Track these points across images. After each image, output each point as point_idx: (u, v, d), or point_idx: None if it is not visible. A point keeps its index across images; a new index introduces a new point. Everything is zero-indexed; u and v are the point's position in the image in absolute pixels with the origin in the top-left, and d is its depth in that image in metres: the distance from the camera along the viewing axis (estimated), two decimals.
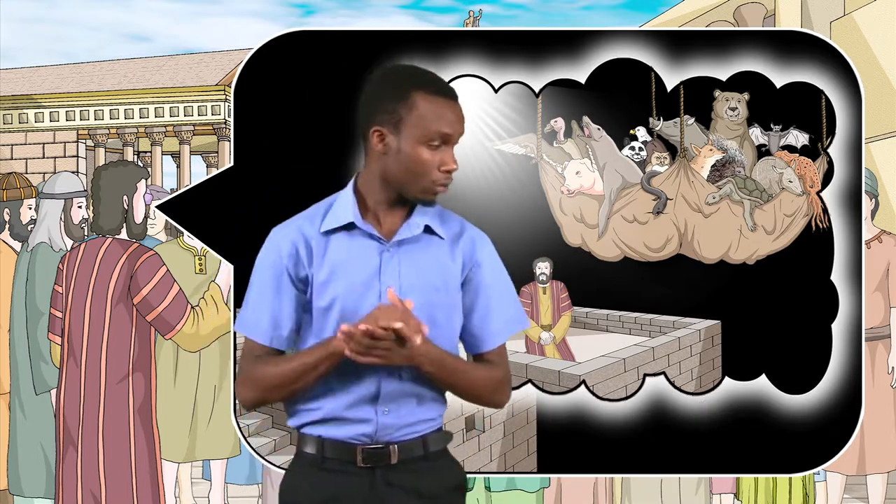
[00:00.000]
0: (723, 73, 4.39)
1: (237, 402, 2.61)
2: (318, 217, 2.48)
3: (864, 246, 4.45)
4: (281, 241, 2.47)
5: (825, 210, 4.42)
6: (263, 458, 4.40)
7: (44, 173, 19.33)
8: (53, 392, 5.08)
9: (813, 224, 4.42)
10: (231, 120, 4.44)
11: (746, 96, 4.41)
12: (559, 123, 4.42)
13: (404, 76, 2.45)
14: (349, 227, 2.45)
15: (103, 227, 4.67)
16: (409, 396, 2.47)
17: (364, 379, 2.43)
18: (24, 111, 21.55)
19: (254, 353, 2.49)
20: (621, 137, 4.44)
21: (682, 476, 5.39)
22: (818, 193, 4.42)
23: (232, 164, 4.39)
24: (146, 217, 4.78)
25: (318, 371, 2.40)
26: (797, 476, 5.45)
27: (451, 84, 4.28)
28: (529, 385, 4.36)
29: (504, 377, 2.57)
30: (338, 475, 2.46)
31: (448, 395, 2.56)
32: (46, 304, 4.98)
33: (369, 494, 2.46)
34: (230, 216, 4.34)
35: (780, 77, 4.39)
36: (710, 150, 4.44)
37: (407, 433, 2.48)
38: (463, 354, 2.58)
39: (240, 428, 4.39)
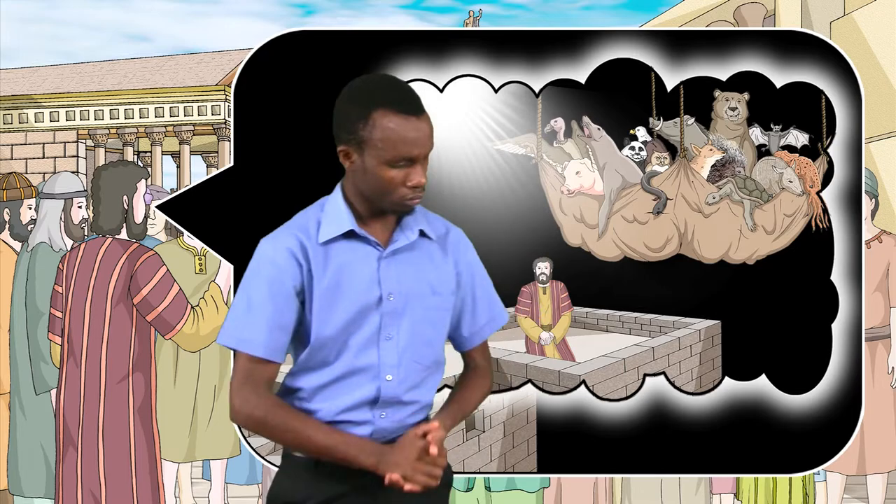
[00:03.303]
0: (723, 73, 4.39)
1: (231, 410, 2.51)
2: (312, 226, 2.44)
3: (864, 246, 4.45)
4: (276, 253, 2.41)
5: (825, 210, 4.42)
6: (263, 458, 4.39)
7: (44, 173, 19.32)
8: (53, 392, 5.08)
9: (813, 224, 4.42)
10: (231, 120, 4.44)
11: (746, 96, 4.41)
12: (559, 123, 4.41)
13: (366, 94, 2.37)
14: (348, 234, 2.44)
15: (103, 227, 4.67)
16: (406, 402, 2.49)
17: (364, 385, 2.44)
18: (24, 111, 21.54)
19: (253, 373, 2.41)
20: (621, 137, 4.44)
21: (682, 476, 5.38)
22: (818, 193, 4.42)
23: (232, 164, 4.38)
24: (146, 217, 4.78)
25: (335, 457, 2.40)
26: (797, 476, 5.45)
27: (451, 84, 4.34)
28: (529, 385, 4.35)
29: (489, 374, 2.65)
30: (333, 478, 2.45)
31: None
32: (46, 304, 4.98)
33: (367, 495, 2.45)
34: (230, 216, 4.34)
35: (780, 77, 4.39)
36: (710, 150, 4.44)
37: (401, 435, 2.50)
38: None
39: (240, 428, 4.39)
